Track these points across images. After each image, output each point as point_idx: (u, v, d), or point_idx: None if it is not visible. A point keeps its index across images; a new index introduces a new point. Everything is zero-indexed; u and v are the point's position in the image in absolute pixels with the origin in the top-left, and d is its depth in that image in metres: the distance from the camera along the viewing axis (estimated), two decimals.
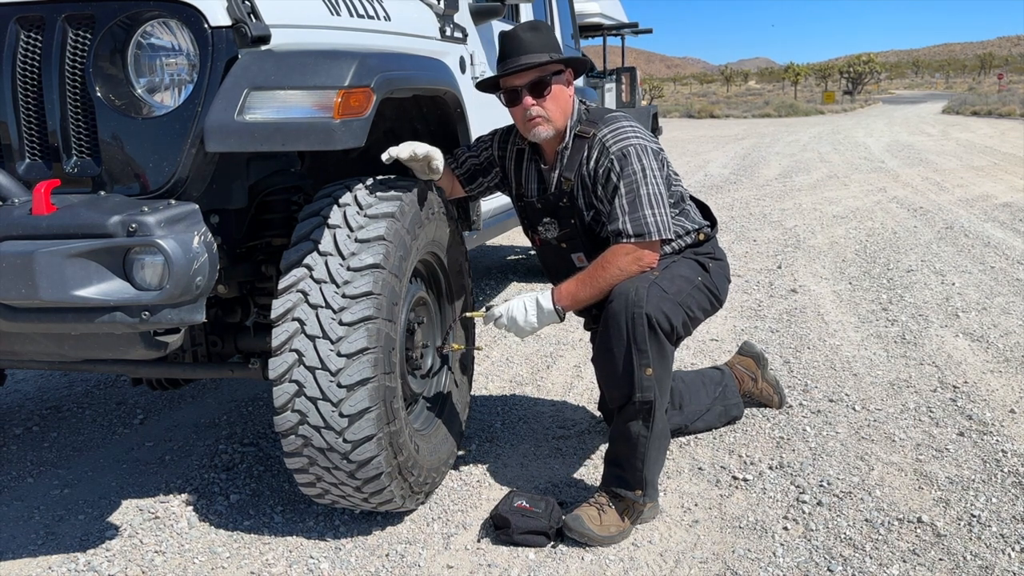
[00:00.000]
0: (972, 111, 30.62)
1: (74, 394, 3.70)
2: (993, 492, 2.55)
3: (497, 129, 2.74)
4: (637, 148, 2.40)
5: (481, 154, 2.72)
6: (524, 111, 2.44)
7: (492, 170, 2.71)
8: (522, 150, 2.64)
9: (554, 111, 2.45)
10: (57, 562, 2.32)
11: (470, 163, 2.72)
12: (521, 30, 2.45)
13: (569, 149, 2.49)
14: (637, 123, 2.51)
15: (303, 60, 2.09)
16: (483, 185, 2.74)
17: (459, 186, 2.74)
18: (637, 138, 2.42)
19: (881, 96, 66.15)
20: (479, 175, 2.72)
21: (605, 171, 2.41)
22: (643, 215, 2.36)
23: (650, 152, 2.42)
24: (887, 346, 4.00)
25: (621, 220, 2.37)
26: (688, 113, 39.24)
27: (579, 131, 2.49)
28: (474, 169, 2.72)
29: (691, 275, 2.48)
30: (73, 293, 1.77)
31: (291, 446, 2.17)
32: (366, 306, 2.11)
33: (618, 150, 2.40)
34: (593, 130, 2.46)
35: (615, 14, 9.25)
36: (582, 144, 2.47)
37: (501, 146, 2.69)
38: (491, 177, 2.72)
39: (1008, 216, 7.67)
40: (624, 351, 2.28)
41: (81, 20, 2.06)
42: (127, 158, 2.05)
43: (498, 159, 2.70)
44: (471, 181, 2.73)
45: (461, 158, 2.73)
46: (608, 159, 2.40)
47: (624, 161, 2.38)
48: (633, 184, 2.37)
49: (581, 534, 2.30)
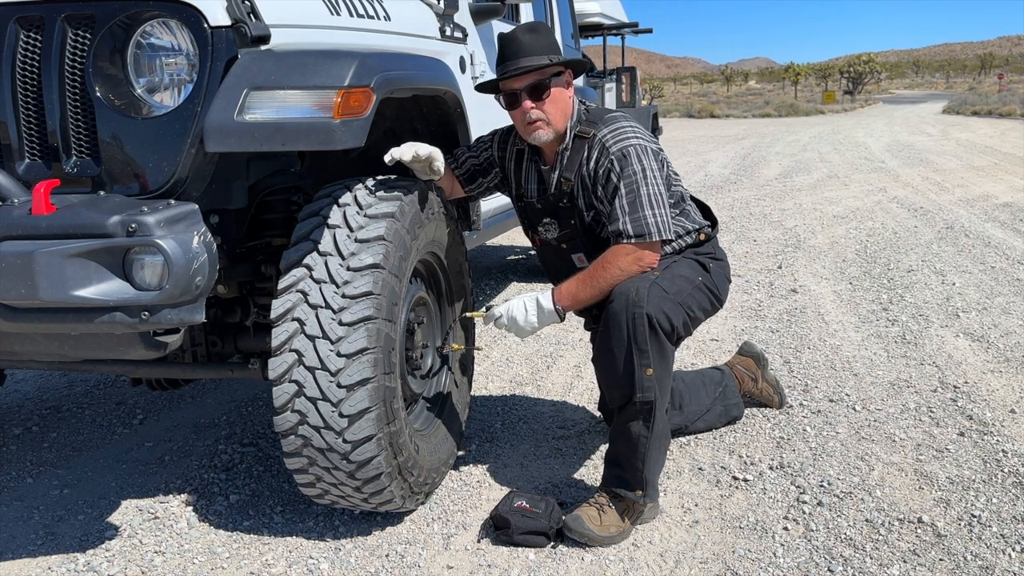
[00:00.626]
0: (972, 111, 30.60)
1: (74, 394, 3.70)
2: (993, 492, 2.55)
3: (497, 129, 2.74)
4: (637, 148, 2.40)
5: (481, 155, 2.71)
6: (523, 114, 2.44)
7: (492, 171, 2.72)
8: (522, 150, 2.64)
9: (554, 114, 2.45)
10: (57, 562, 2.32)
11: (470, 163, 2.72)
12: (520, 32, 2.44)
13: (569, 150, 2.49)
14: (637, 123, 2.51)
15: (303, 60, 2.08)
16: (483, 186, 2.75)
17: (459, 186, 2.74)
18: (637, 138, 2.42)
19: (881, 96, 66.12)
20: (479, 175, 2.72)
21: (605, 171, 2.41)
22: (643, 215, 2.36)
23: (650, 152, 2.42)
24: (887, 346, 4.00)
25: (621, 220, 2.37)
26: (688, 113, 39.23)
27: (579, 131, 2.49)
28: (474, 169, 2.72)
29: (692, 275, 2.48)
30: (73, 293, 1.77)
31: (291, 446, 2.17)
32: (366, 306, 2.10)
33: (618, 150, 2.40)
34: (593, 130, 2.46)
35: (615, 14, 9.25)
36: (582, 144, 2.47)
37: (501, 146, 2.69)
38: (491, 177, 2.73)
39: (1008, 216, 7.66)
40: (625, 351, 2.28)
41: (81, 20, 2.05)
42: (127, 158, 2.05)
43: (498, 159, 2.70)
44: (471, 181, 2.74)
45: (461, 158, 2.73)
46: (608, 159, 2.40)
47: (624, 161, 2.38)
48: (633, 184, 2.37)
49: (581, 534, 2.30)
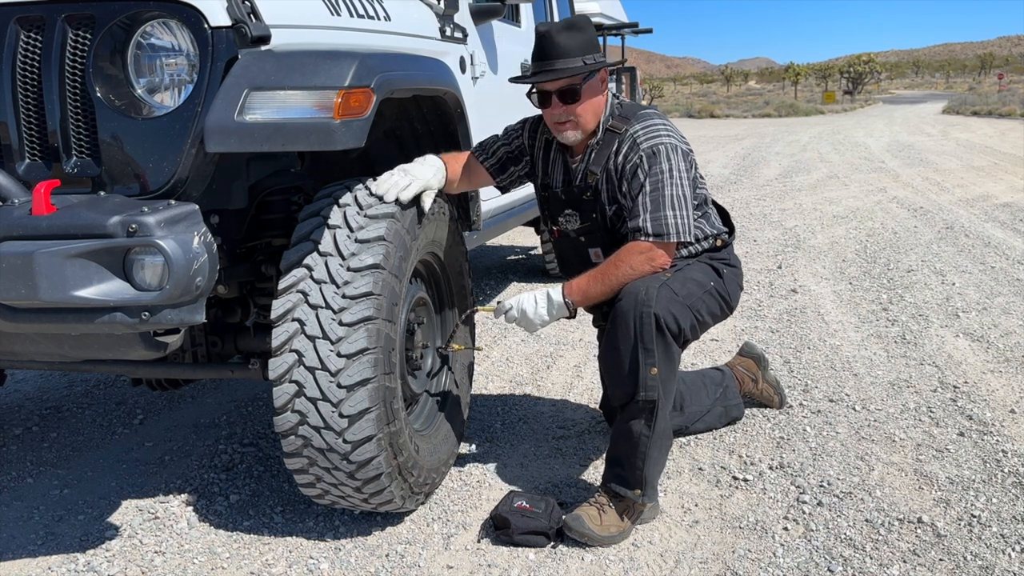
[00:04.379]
0: (972, 111, 30.57)
1: (74, 394, 3.70)
2: (993, 492, 2.55)
3: (527, 118, 2.72)
4: (667, 147, 2.39)
5: (513, 142, 2.70)
6: (553, 115, 2.44)
7: (523, 159, 2.69)
8: (550, 140, 2.62)
9: (584, 116, 2.43)
10: (57, 562, 2.32)
11: (502, 152, 2.69)
12: (556, 31, 2.40)
13: (600, 144, 2.48)
14: (669, 121, 2.50)
15: (303, 60, 2.08)
16: (514, 175, 2.72)
17: (489, 176, 2.71)
18: (669, 137, 2.42)
19: (881, 96, 66.09)
20: (511, 164, 2.70)
21: (633, 167, 2.40)
22: (664, 215, 2.35)
23: (680, 152, 2.41)
24: (887, 346, 4.00)
25: (642, 217, 2.36)
26: (688, 113, 39.19)
27: (610, 126, 2.47)
28: (506, 158, 2.69)
29: (704, 279, 2.47)
30: (73, 293, 1.77)
31: (291, 447, 2.17)
32: (366, 306, 2.11)
33: (648, 147, 2.39)
34: (625, 126, 2.45)
35: (615, 14, 9.24)
36: (612, 138, 2.46)
37: (531, 135, 2.68)
38: (522, 166, 2.70)
39: (1008, 216, 7.66)
40: (631, 350, 2.28)
41: (81, 20, 2.05)
42: (127, 158, 2.05)
43: (528, 147, 2.68)
44: (502, 171, 2.71)
45: (492, 147, 2.70)
46: (637, 155, 2.39)
47: (653, 159, 2.38)
48: (659, 183, 2.36)
49: (581, 534, 2.30)
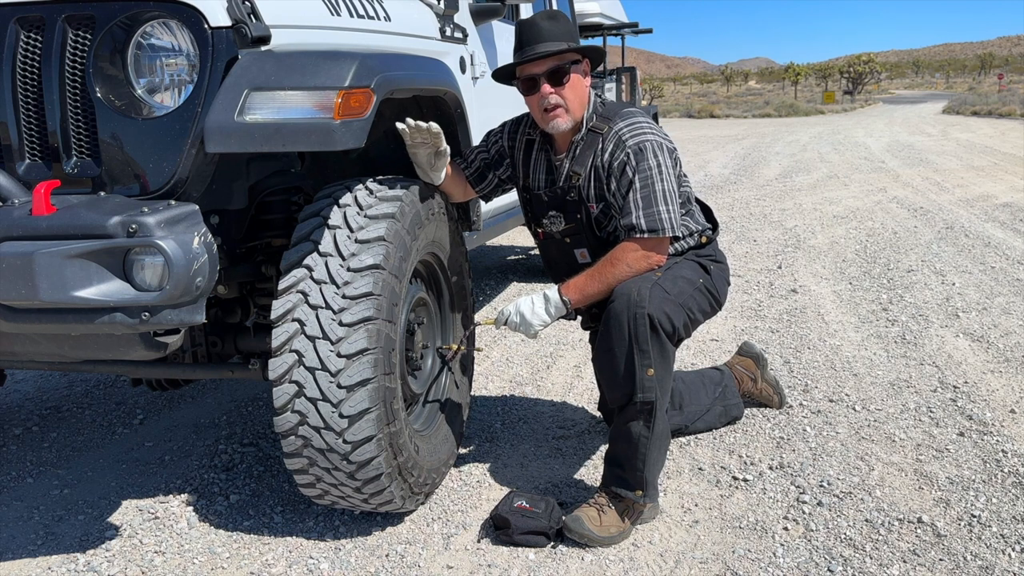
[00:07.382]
0: (972, 111, 30.58)
1: (74, 394, 3.70)
2: (993, 492, 2.55)
3: (506, 121, 2.73)
4: (653, 144, 2.40)
5: (491, 147, 2.70)
6: (542, 99, 2.43)
7: (503, 162, 2.69)
8: (531, 140, 2.62)
9: (573, 100, 2.44)
10: (57, 562, 2.32)
11: (480, 159, 2.70)
12: (540, 18, 2.43)
13: (583, 142, 2.49)
14: (652, 120, 2.51)
15: (303, 60, 2.08)
16: (493, 181, 2.71)
17: (469, 189, 2.72)
18: (653, 134, 2.43)
19: (881, 96, 66.11)
20: (490, 169, 2.70)
21: (620, 164, 2.41)
22: (657, 211, 2.36)
23: (665, 149, 2.42)
24: (887, 346, 4.00)
25: (635, 215, 2.36)
26: (688, 113, 39.22)
27: (593, 126, 2.48)
28: (484, 165, 2.70)
29: (693, 277, 2.48)
30: (73, 294, 1.77)
31: (291, 447, 2.17)
32: (366, 307, 2.11)
33: (635, 144, 2.40)
34: (608, 125, 2.46)
35: (615, 14, 9.23)
36: (595, 138, 2.46)
37: (511, 136, 2.68)
38: (503, 170, 2.70)
39: (1008, 216, 7.66)
40: (626, 351, 2.28)
41: (81, 20, 2.05)
42: (127, 159, 2.05)
43: (508, 149, 2.68)
44: (481, 180, 2.71)
45: (471, 156, 2.71)
46: (624, 153, 2.40)
47: (640, 156, 2.38)
48: (648, 180, 2.37)
49: (581, 535, 2.30)
